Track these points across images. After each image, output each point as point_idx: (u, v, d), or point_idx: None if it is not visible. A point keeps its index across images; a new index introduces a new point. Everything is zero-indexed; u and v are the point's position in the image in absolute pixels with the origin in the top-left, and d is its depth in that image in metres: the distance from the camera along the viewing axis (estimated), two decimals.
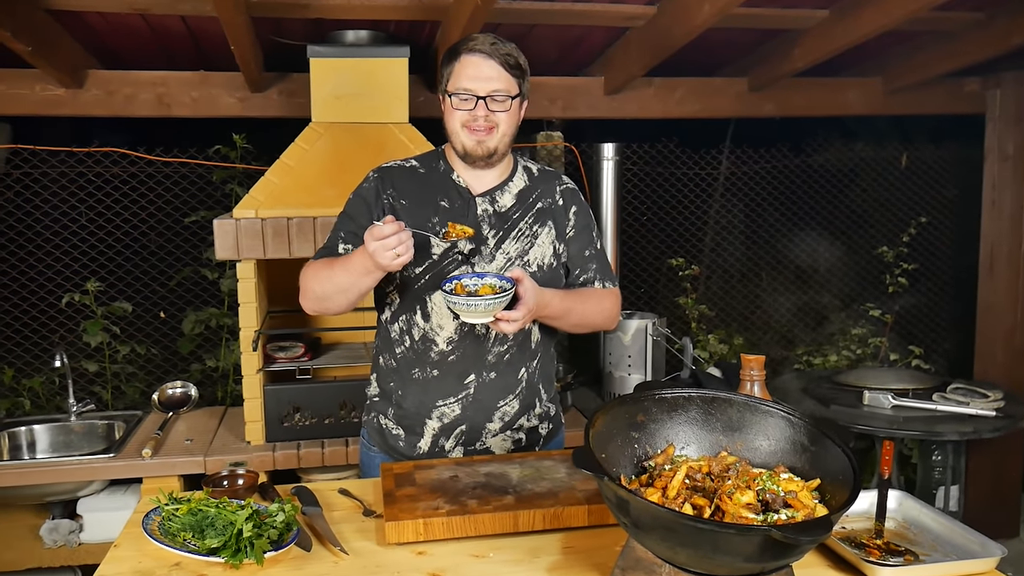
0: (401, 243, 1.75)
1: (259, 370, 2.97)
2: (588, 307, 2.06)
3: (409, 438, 2.10)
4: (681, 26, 2.85)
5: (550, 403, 2.20)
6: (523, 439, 2.14)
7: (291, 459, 2.94)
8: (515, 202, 2.06)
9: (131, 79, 3.45)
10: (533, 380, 2.12)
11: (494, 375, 2.06)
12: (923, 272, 4.87)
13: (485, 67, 1.92)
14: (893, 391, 3.48)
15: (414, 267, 2.02)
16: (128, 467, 2.86)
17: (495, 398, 2.07)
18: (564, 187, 2.12)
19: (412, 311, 2.05)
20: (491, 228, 2.03)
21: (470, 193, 2.04)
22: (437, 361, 2.05)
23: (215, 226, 2.81)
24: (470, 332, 2.03)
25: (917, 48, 3.64)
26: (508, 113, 1.96)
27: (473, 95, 1.92)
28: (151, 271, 4.02)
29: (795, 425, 1.69)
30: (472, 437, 2.09)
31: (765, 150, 4.63)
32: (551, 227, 2.07)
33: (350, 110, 3.07)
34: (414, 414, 2.08)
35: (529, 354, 2.10)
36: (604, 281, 2.12)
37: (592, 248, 2.12)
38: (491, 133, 1.96)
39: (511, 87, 1.95)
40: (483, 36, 1.94)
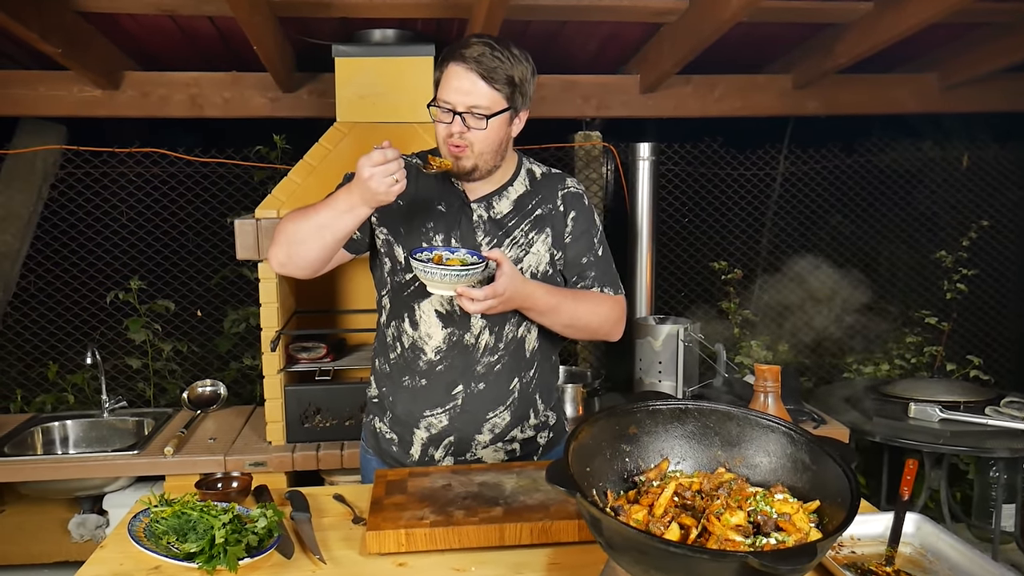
0: (400, 168, 1.69)
1: (280, 370, 2.96)
2: (581, 308, 1.95)
3: (401, 444, 2.06)
4: (711, 21, 2.74)
5: (549, 412, 2.11)
6: (517, 450, 2.06)
7: (310, 460, 2.93)
8: (512, 208, 1.97)
9: (165, 80, 3.49)
10: (527, 391, 2.03)
11: (483, 386, 1.98)
12: (984, 278, 4.63)
13: (465, 80, 1.80)
14: (942, 403, 3.31)
15: (404, 273, 1.97)
16: (151, 464, 2.89)
17: (484, 409, 1.99)
18: (566, 191, 2.02)
19: (401, 318, 2.00)
20: (485, 235, 1.95)
21: (466, 198, 1.96)
22: (425, 370, 1.99)
23: (236, 226, 2.81)
24: (459, 342, 1.97)
25: (973, 42, 3.44)
26: (485, 132, 1.83)
27: (451, 109, 1.82)
28: (189, 270, 4.07)
29: (796, 442, 1.58)
30: (462, 448, 2.02)
31: (815, 150, 4.45)
32: (548, 234, 1.98)
33: (374, 110, 3.04)
34: (403, 422, 2.04)
35: (523, 364, 2.01)
36: (604, 287, 2.01)
37: (591, 254, 2.02)
38: (466, 151, 1.85)
39: (493, 103, 1.82)
40: (478, 43, 1.81)
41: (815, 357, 4.63)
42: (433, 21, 3.12)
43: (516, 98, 1.86)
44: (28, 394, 3.90)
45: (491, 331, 1.96)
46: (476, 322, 1.95)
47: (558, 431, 2.15)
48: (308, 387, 3.00)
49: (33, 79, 3.45)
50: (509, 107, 1.85)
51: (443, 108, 1.83)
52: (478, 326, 1.95)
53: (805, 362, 4.58)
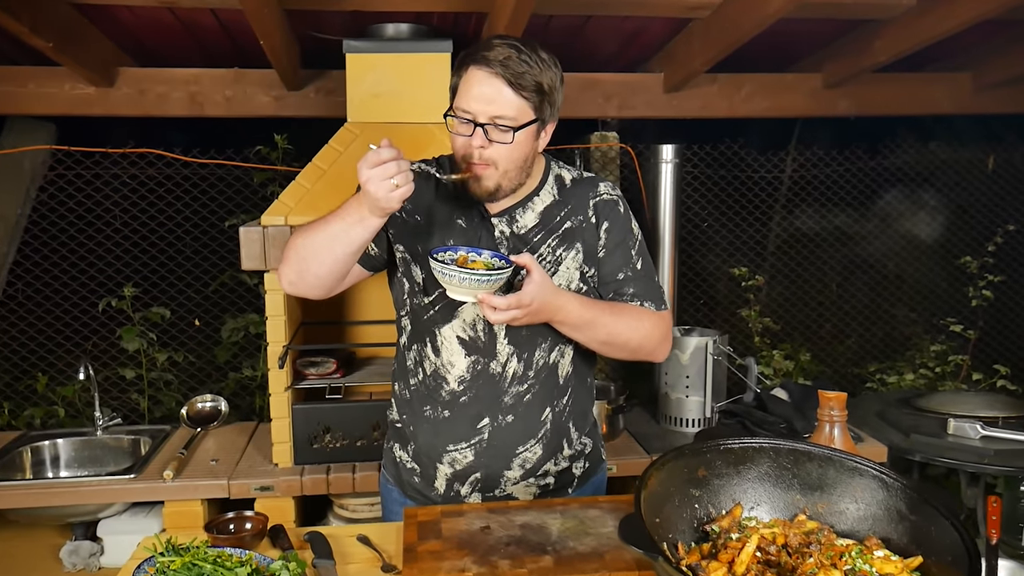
0: (401, 171, 1.49)
1: (287, 387, 2.78)
2: (621, 323, 1.73)
3: (424, 477, 1.88)
4: (751, 16, 2.57)
5: (585, 439, 1.92)
6: (551, 483, 1.87)
7: (320, 484, 2.74)
8: (537, 222, 1.77)
9: (163, 77, 3.30)
10: (560, 420, 1.84)
11: (511, 418, 1.79)
12: (1010, 284, 4.48)
13: (489, 87, 1.59)
14: (981, 419, 3.15)
15: (424, 296, 1.78)
16: (149, 490, 2.70)
17: (513, 444, 1.81)
18: (598, 199, 1.80)
19: (423, 343, 1.82)
20: (509, 252, 1.74)
21: (487, 212, 1.76)
22: (448, 401, 1.80)
23: (241, 234, 2.62)
24: (484, 371, 1.78)
25: (1013, 40, 3.28)
26: (510, 146, 1.63)
27: (472, 120, 1.61)
28: (187, 276, 3.88)
29: (890, 488, 1.41)
30: (490, 485, 1.83)
31: (838, 151, 4.29)
32: (579, 249, 1.78)
33: (388, 109, 2.86)
34: (425, 454, 1.85)
35: (556, 392, 1.83)
36: (645, 303, 1.80)
37: (628, 268, 1.80)
38: (488, 170, 1.64)
39: (520, 114, 1.61)
40: (501, 45, 1.61)
41: (837, 366, 4.48)
42: (450, 15, 2.94)
43: (544, 108, 1.66)
44: (16, 408, 3.70)
45: (520, 358, 1.78)
46: (503, 349, 1.77)
47: (594, 459, 1.96)
48: (317, 405, 2.82)
49: (23, 75, 3.25)
50: (537, 118, 1.65)
51: (462, 118, 1.63)
52: (505, 353, 1.77)
53: (827, 371, 4.43)
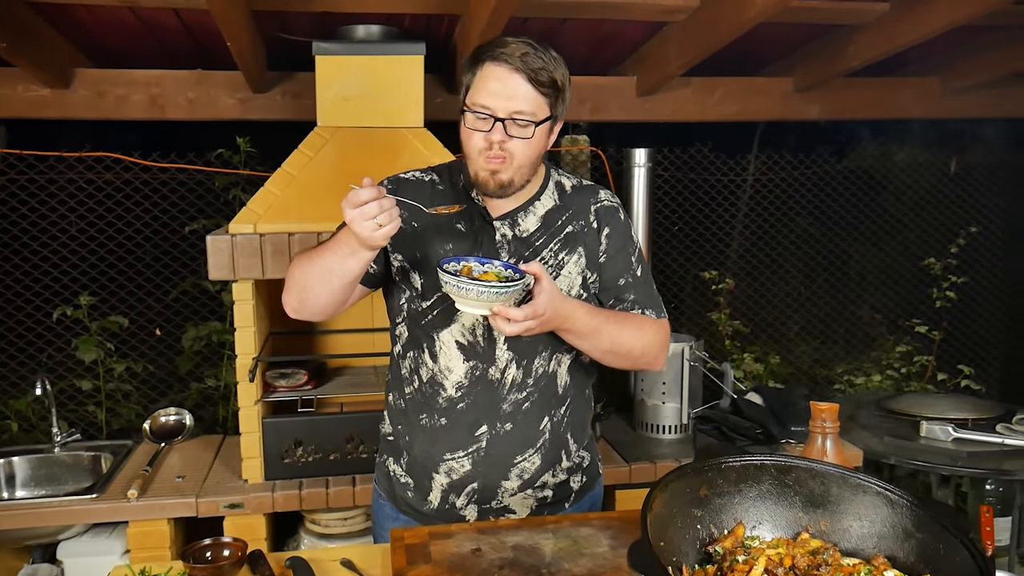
0: (383, 211, 1.49)
1: (257, 401, 2.69)
2: (625, 331, 1.74)
3: (418, 491, 1.84)
4: (731, 20, 2.54)
5: (583, 452, 1.90)
6: (549, 496, 1.85)
7: (292, 500, 2.66)
8: (539, 226, 1.78)
9: (123, 79, 3.17)
10: (559, 431, 1.83)
11: (510, 426, 1.77)
12: (973, 286, 4.54)
13: (509, 82, 1.61)
14: (952, 422, 3.18)
15: (421, 300, 1.76)
16: (112, 510, 2.58)
17: (511, 453, 1.78)
18: (599, 205, 1.82)
19: (419, 348, 1.79)
20: (510, 255, 1.75)
21: (488, 215, 1.77)
22: (445, 408, 1.77)
23: (208, 243, 2.53)
24: (483, 377, 1.75)
25: (981, 46, 3.32)
26: (528, 142, 1.64)
27: (491, 115, 1.62)
28: (147, 284, 3.74)
29: (895, 505, 1.39)
30: (487, 496, 1.80)
31: (805, 155, 4.31)
32: (581, 254, 1.79)
33: (359, 113, 2.78)
34: (421, 466, 1.82)
35: (555, 401, 1.81)
36: (646, 310, 1.81)
37: (629, 274, 1.82)
38: (504, 163, 1.65)
39: (538, 109, 1.64)
40: (516, 42, 1.62)
41: (805, 368, 4.50)
42: (422, 17, 2.87)
43: (558, 105, 1.68)
44: None
45: (519, 365, 1.77)
46: (502, 355, 1.76)
47: (591, 474, 1.94)
48: (288, 419, 2.73)
49: None
50: (551, 115, 1.67)
51: (480, 114, 1.62)
52: (504, 359, 1.76)
53: (795, 372, 4.44)
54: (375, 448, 2.73)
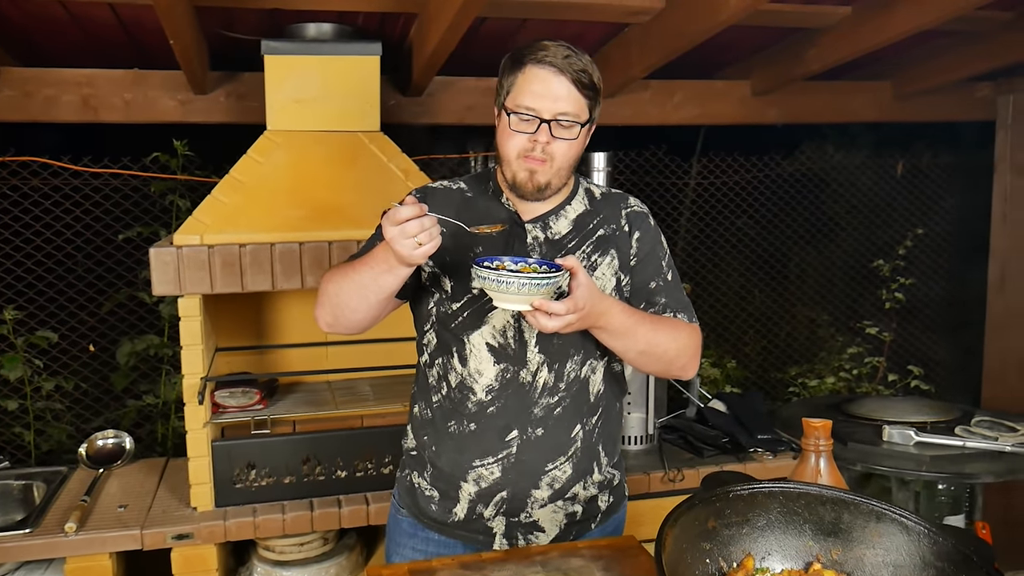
0: (424, 229, 1.47)
1: (206, 423, 2.52)
2: (660, 333, 1.70)
3: (444, 502, 1.77)
4: (699, 22, 2.47)
5: (613, 470, 1.86)
6: (579, 512, 1.79)
7: (246, 528, 2.49)
8: (571, 228, 1.77)
9: (52, 78, 2.95)
10: (591, 440, 1.78)
11: (541, 432, 1.72)
12: (920, 287, 4.60)
13: (555, 84, 1.61)
14: (913, 425, 3.18)
15: (451, 302, 1.72)
16: (48, 545, 2.38)
17: (542, 460, 1.73)
18: (630, 210, 1.82)
19: (449, 353, 1.75)
20: (544, 257, 1.73)
21: (519, 218, 1.76)
22: (475, 413, 1.72)
23: (152, 256, 2.35)
24: (513, 380, 1.70)
25: (934, 50, 3.33)
26: (570, 143, 1.66)
27: (536, 116, 1.62)
28: (79, 298, 3.52)
29: (912, 532, 1.32)
30: (516, 507, 1.74)
31: (757, 157, 4.30)
32: (614, 256, 1.77)
33: (313, 116, 2.63)
34: (448, 475, 1.76)
35: (587, 409, 1.77)
36: (677, 314, 1.78)
37: (660, 278, 1.80)
38: (544, 165, 1.66)
39: (581, 111, 1.64)
40: (556, 45, 1.63)
41: (761, 372, 4.50)
42: (376, 16, 2.74)
43: (595, 108, 1.70)
44: None
45: (550, 368, 1.73)
46: (533, 357, 1.72)
47: (619, 495, 1.90)
48: (240, 441, 2.56)
49: None
50: (590, 118, 1.69)
51: (524, 116, 1.62)
52: (536, 362, 1.72)
53: (751, 376, 4.44)
54: (333, 470, 2.60)
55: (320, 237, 2.47)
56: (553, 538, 1.77)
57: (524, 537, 1.76)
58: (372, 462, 2.63)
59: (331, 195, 2.57)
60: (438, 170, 3.68)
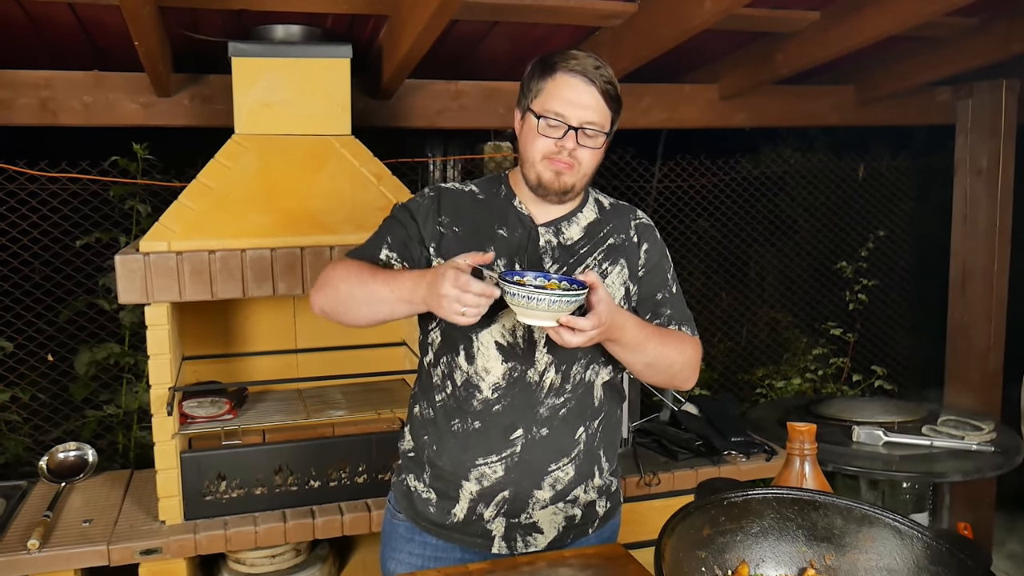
0: (477, 307, 1.51)
1: (175, 434, 2.45)
2: (668, 346, 1.74)
3: (442, 503, 1.77)
4: (673, 26, 2.48)
5: (611, 476, 1.87)
6: (578, 515, 1.80)
7: (217, 541, 2.43)
8: (583, 235, 1.79)
9: (7, 80, 2.85)
10: (593, 444, 1.80)
11: (546, 431, 1.73)
12: (882, 288, 4.68)
13: (585, 93, 1.65)
14: (881, 425, 3.22)
15: None
16: (10, 563, 2.29)
17: (546, 460, 1.74)
18: (639, 222, 1.86)
19: (455, 351, 1.76)
20: (554, 262, 1.76)
21: (532, 222, 1.78)
22: (480, 411, 1.73)
23: (117, 263, 2.28)
24: (521, 379, 1.71)
25: (898, 55, 3.39)
26: (594, 151, 1.69)
27: (565, 122, 1.64)
28: (36, 306, 3.41)
29: (905, 536, 1.33)
30: (517, 507, 1.74)
31: (723, 161, 4.34)
32: (623, 265, 1.80)
33: (282, 120, 2.58)
34: (450, 474, 1.75)
35: (590, 412, 1.79)
36: (681, 326, 1.83)
37: (665, 291, 1.84)
38: (572, 169, 1.68)
39: (606, 122, 1.68)
40: (584, 55, 1.66)
41: (728, 374, 4.53)
42: (346, 18, 2.70)
43: (616, 121, 1.73)
44: None
45: (558, 369, 1.74)
46: (541, 357, 1.73)
47: (615, 501, 1.91)
48: (209, 452, 2.50)
49: None
50: (612, 130, 1.72)
51: (553, 121, 1.64)
52: (543, 362, 1.73)
53: (718, 378, 4.47)
54: (306, 480, 2.55)
55: (292, 243, 2.42)
56: (551, 540, 1.77)
57: (523, 539, 1.76)
58: (346, 471, 2.58)
59: (302, 200, 2.52)
60: (407, 174, 3.64)
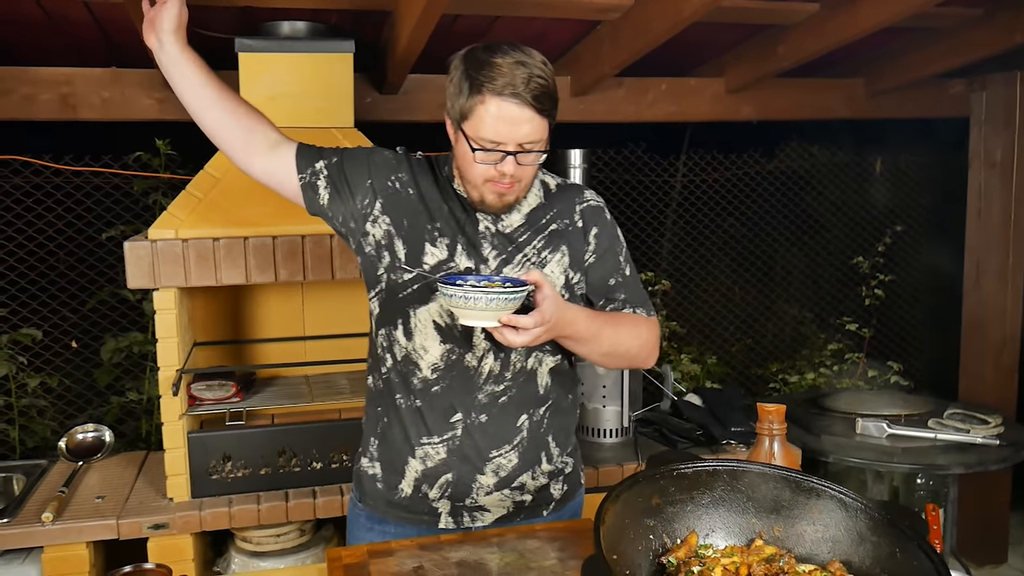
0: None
1: (182, 415, 2.55)
2: (622, 333, 1.73)
3: (388, 477, 1.78)
4: (664, 20, 2.52)
5: (568, 459, 1.86)
6: (527, 500, 1.80)
7: (222, 518, 2.52)
8: (524, 222, 1.76)
9: (30, 77, 2.98)
10: (539, 431, 1.79)
11: (485, 418, 1.73)
12: (900, 283, 4.65)
13: (517, 115, 1.55)
14: (886, 418, 3.22)
15: (401, 273, 1.71)
16: (26, 535, 2.41)
17: (487, 446, 1.74)
18: (585, 205, 1.81)
19: (393, 325, 1.74)
20: (492, 248, 1.73)
21: (471, 206, 1.74)
22: (420, 390, 1.73)
23: (126, 249, 2.39)
24: (459, 362, 1.71)
25: (904, 47, 3.38)
26: (535, 166, 1.66)
27: (502, 150, 1.58)
28: (61, 295, 3.55)
29: (849, 508, 1.36)
30: (461, 491, 1.75)
31: (736, 156, 4.34)
32: (564, 252, 1.76)
33: (287, 113, 2.65)
34: (397, 449, 1.76)
35: (534, 400, 1.77)
36: (636, 309, 1.79)
37: (619, 275, 1.80)
38: (513, 187, 1.65)
39: (543, 132, 1.61)
40: (510, 64, 1.55)
41: (741, 368, 4.53)
42: (350, 14, 2.77)
43: (555, 115, 1.64)
44: None
45: (496, 356, 1.73)
46: (479, 343, 1.72)
47: (574, 482, 1.90)
48: (215, 433, 2.59)
49: None
50: (551, 128, 1.64)
51: (491, 148, 1.58)
52: (481, 347, 1.73)
53: (731, 372, 4.47)
54: (309, 462, 2.63)
55: (293, 231, 2.50)
56: (498, 518, 1.78)
57: (470, 515, 1.77)
58: (348, 454, 2.66)
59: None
60: None
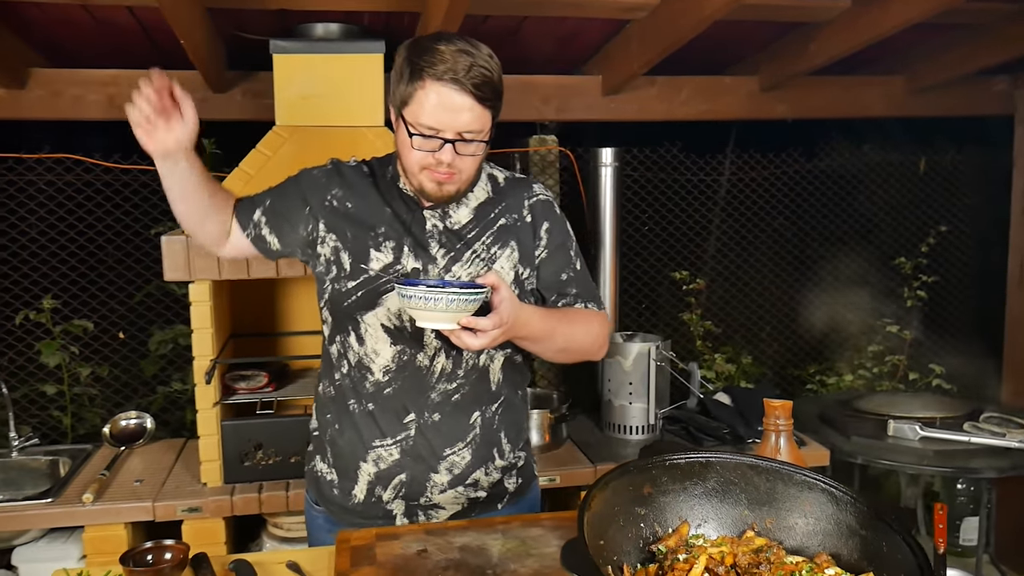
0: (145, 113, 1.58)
1: (216, 403, 2.65)
2: (575, 329, 1.74)
3: (343, 483, 1.80)
4: (688, 17, 2.53)
5: (519, 453, 1.88)
6: (482, 496, 1.82)
7: (252, 503, 2.62)
8: (471, 218, 1.76)
9: (79, 78, 3.12)
10: (491, 428, 1.80)
11: (438, 417, 1.74)
12: (943, 285, 4.55)
13: (457, 101, 1.55)
14: (920, 420, 3.17)
15: (346, 281, 1.73)
16: (67, 514, 2.54)
17: (440, 445, 1.75)
18: (534, 200, 1.80)
19: (345, 332, 1.76)
20: (440, 247, 1.74)
21: (418, 205, 1.75)
22: (372, 393, 1.74)
23: (163, 243, 2.49)
24: (410, 363, 1.73)
25: (945, 43, 3.32)
26: (476, 156, 1.64)
27: (439, 137, 1.58)
28: (109, 287, 3.69)
29: (840, 502, 1.37)
30: (415, 490, 1.77)
31: (775, 155, 4.31)
32: (514, 248, 1.77)
33: (319, 112, 2.75)
34: (349, 454, 1.78)
35: (487, 397, 1.79)
36: (587, 304, 1.81)
37: (570, 269, 1.82)
38: (452, 178, 1.64)
39: (484, 122, 1.60)
40: (453, 52, 1.54)
41: (777, 368, 4.49)
42: (382, 15, 2.85)
43: (499, 108, 1.65)
44: None
45: (447, 355, 1.74)
46: (431, 342, 1.73)
47: (527, 475, 1.92)
48: (248, 421, 2.69)
49: None
50: (494, 122, 1.65)
51: (429, 135, 1.58)
52: (433, 347, 1.74)
53: (768, 373, 4.44)
54: None
55: None
56: (453, 514, 1.80)
57: (425, 513, 1.78)
58: None
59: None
60: None
